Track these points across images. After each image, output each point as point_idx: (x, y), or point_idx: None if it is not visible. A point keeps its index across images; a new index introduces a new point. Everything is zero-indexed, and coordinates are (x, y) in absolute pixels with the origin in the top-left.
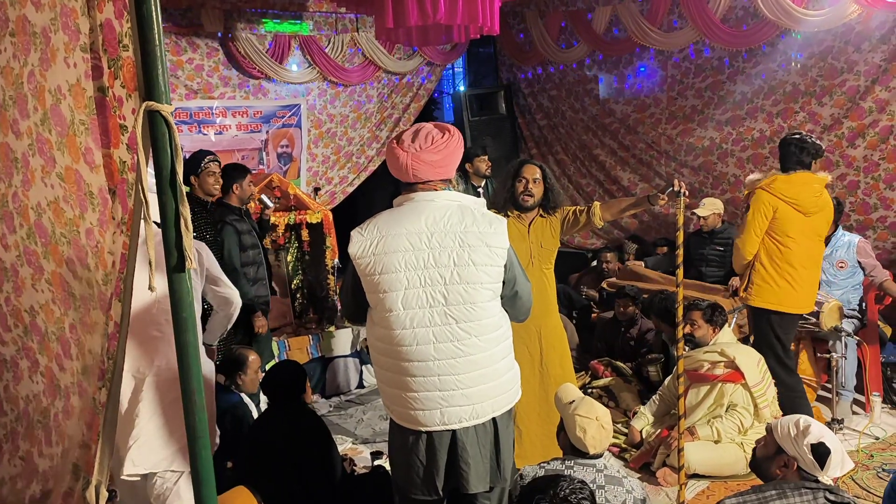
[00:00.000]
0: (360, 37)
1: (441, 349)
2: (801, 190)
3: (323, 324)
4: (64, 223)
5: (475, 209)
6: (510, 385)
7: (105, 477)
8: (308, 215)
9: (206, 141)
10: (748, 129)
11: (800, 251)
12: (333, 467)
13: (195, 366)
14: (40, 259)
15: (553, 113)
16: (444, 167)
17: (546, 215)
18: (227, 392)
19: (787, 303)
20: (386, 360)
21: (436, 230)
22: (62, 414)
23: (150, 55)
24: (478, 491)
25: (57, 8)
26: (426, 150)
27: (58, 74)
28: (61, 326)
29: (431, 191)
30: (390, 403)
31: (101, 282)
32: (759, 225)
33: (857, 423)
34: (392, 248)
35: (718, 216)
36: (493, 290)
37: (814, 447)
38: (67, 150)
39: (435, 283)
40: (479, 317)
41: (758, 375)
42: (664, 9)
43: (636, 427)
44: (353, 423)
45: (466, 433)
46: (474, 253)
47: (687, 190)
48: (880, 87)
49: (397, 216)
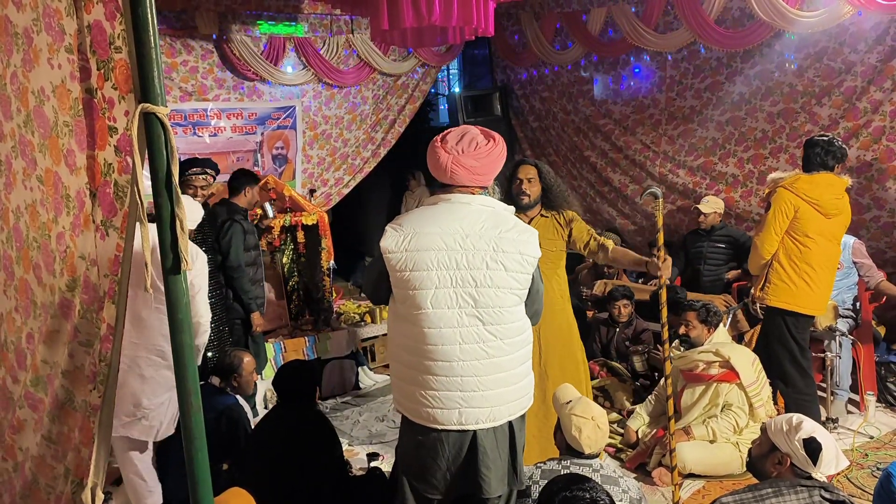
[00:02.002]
0: (355, 38)
1: (466, 350)
2: (824, 191)
3: (319, 325)
4: (38, 227)
5: (509, 217)
6: (526, 390)
7: (101, 479)
8: (304, 217)
9: (200, 143)
10: (750, 129)
11: (819, 252)
12: (338, 468)
13: (191, 367)
14: (13, 264)
15: (545, 115)
16: (483, 174)
17: (548, 214)
18: (222, 394)
19: (804, 303)
20: (408, 357)
21: (471, 232)
22: (9, 429)
23: (146, 57)
24: (497, 494)
25: (39, 8)
26: (468, 154)
27: (41, 75)
28: (19, 336)
29: (469, 194)
30: (404, 399)
31: (64, 288)
32: (780, 223)
33: (851, 422)
34: (425, 245)
35: (719, 215)
36: (519, 296)
37: (805, 442)
38: (49, 151)
39: (466, 284)
40: (507, 320)
41: (752, 375)
42: (659, 10)
43: (632, 427)
44: (350, 425)
45: (486, 436)
46: (507, 259)
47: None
48: (875, 87)
49: (432, 215)
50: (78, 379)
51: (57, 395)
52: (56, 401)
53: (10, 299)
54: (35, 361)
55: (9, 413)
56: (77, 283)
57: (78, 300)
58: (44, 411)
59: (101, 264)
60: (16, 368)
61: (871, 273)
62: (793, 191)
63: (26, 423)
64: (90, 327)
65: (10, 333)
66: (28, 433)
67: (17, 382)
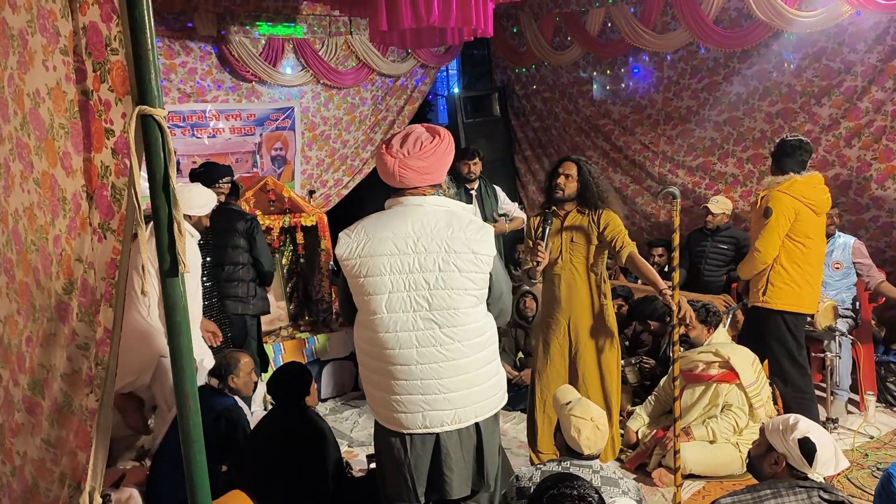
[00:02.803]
0: (354, 39)
1: (424, 353)
2: (818, 191)
3: (318, 326)
4: (35, 230)
5: (463, 215)
6: (495, 390)
7: (99, 483)
8: (303, 218)
9: (199, 144)
10: (749, 129)
11: (816, 251)
12: (337, 469)
13: (189, 369)
14: (14, 267)
15: (546, 115)
16: (432, 173)
17: (584, 211)
18: (220, 395)
19: (804, 303)
20: (371, 362)
21: (422, 235)
22: (9, 432)
23: (143, 59)
24: (461, 496)
25: (34, 10)
26: (413, 156)
27: (36, 77)
28: (20, 339)
29: (420, 195)
30: (375, 405)
31: (60, 291)
32: (783, 228)
33: (851, 422)
34: (377, 251)
35: (727, 216)
36: (476, 297)
37: (801, 442)
38: (45, 154)
39: (419, 287)
40: (463, 322)
41: (752, 375)
42: (657, 10)
43: (632, 428)
44: (349, 426)
45: (450, 438)
46: (459, 259)
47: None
48: (876, 87)
49: (385, 219)
50: (76, 383)
51: (56, 399)
52: (55, 404)
53: (11, 302)
54: (32, 364)
55: (10, 416)
56: (74, 287)
57: (75, 303)
58: (41, 415)
59: (98, 267)
60: (17, 372)
61: (870, 273)
62: (791, 194)
63: (23, 427)
64: (88, 331)
65: (13, 336)
66: (25, 437)
67: (17, 386)
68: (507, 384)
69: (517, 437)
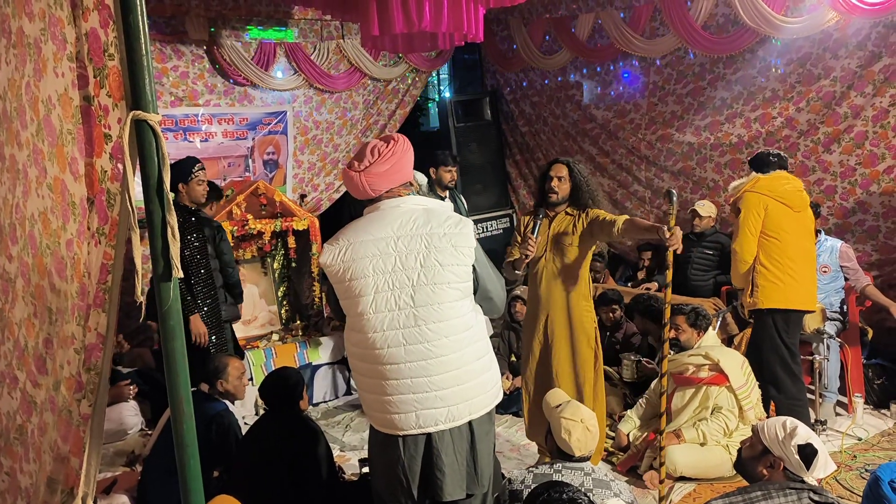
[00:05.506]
0: (346, 44)
1: (412, 351)
2: (785, 186)
3: (309, 331)
4: (49, 234)
5: (441, 212)
6: (488, 386)
7: (91, 489)
8: (294, 222)
9: (191, 148)
10: (726, 133)
11: (795, 245)
12: (329, 474)
13: (183, 373)
14: (30, 271)
15: (535, 119)
16: (398, 172)
17: (572, 212)
18: (211, 400)
19: (794, 299)
20: (362, 365)
21: (402, 234)
22: (37, 431)
23: (137, 64)
24: (454, 498)
25: (46, 18)
26: (375, 163)
27: (48, 84)
28: (37, 341)
29: (396, 197)
30: (369, 409)
31: (74, 294)
32: (754, 223)
33: (840, 424)
34: (360, 254)
35: (713, 219)
36: (461, 290)
37: (801, 448)
38: (56, 160)
39: (403, 285)
40: (448, 317)
41: (742, 378)
42: (646, 16)
43: (623, 430)
44: (341, 430)
45: (441, 438)
46: (440, 254)
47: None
48: (855, 92)
49: (365, 224)
50: (70, 387)
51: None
52: (55, 407)
53: (27, 305)
54: (55, 366)
55: (32, 417)
56: (87, 290)
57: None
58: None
59: (93, 272)
60: (35, 373)
61: (857, 277)
62: (757, 191)
63: (48, 426)
64: (81, 334)
65: (30, 339)
66: (48, 436)
67: (37, 387)
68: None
69: (509, 440)
